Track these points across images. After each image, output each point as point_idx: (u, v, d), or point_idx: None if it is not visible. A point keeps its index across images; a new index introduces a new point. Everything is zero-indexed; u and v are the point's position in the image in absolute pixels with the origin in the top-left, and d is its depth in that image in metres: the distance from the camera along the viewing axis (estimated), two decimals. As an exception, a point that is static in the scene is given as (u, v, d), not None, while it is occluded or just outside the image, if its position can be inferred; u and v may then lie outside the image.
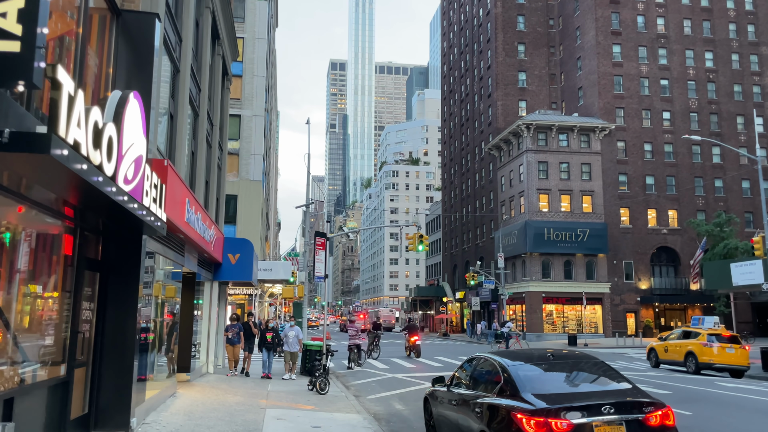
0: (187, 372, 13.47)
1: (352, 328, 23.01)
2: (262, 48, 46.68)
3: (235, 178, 44.98)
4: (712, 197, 53.14)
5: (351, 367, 21.40)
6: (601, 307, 49.90)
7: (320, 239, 14.28)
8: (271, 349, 16.39)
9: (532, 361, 6.79)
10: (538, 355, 7.04)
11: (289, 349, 16.09)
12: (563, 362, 6.79)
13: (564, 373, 6.50)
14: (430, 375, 18.50)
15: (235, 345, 16.27)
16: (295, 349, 16.10)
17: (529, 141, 51.06)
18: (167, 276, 11.09)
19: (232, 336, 16.18)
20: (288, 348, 16.11)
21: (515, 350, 7.69)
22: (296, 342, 16.08)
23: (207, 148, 16.21)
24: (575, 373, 6.54)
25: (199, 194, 14.00)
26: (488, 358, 7.17)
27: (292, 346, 16.07)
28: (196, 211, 11.52)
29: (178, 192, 9.68)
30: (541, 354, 7.07)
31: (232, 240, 17.04)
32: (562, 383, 6.33)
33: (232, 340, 16.22)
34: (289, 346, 16.09)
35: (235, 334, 16.14)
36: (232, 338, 16.21)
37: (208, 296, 16.51)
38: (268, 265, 36.28)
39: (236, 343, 16.19)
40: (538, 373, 6.45)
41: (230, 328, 16.28)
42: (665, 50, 54.76)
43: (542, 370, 6.56)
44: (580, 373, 6.55)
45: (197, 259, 13.83)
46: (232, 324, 16.39)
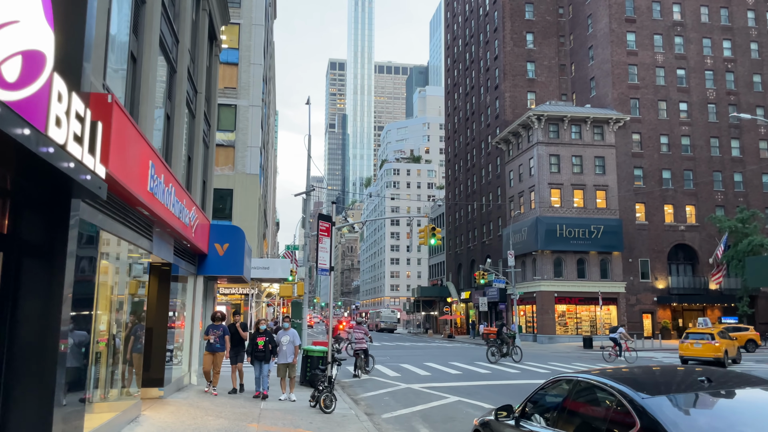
0: (160, 386, 10.92)
1: (359, 330, 20.39)
2: (259, 35, 44.14)
3: (230, 171, 42.50)
4: (731, 192, 50.64)
5: (357, 374, 18.85)
6: (615, 307, 47.36)
7: (324, 224, 11.73)
8: (264, 359, 12.59)
9: (681, 389, 4.24)
10: (683, 380, 4.49)
11: (283, 360, 12.48)
12: (730, 390, 4.23)
13: (743, 413, 3.93)
14: (449, 385, 15.95)
15: (216, 352, 12.67)
16: (290, 360, 12.54)
17: (540, 133, 48.55)
18: (125, 264, 8.55)
19: (215, 340, 12.57)
20: (282, 359, 12.49)
21: (632, 369, 5.10)
22: (291, 350, 12.53)
23: (189, 117, 13.69)
24: (759, 410, 3.96)
25: (177, 168, 11.46)
26: (600, 384, 4.57)
27: (286, 357, 12.48)
28: (168, 183, 8.97)
29: (135, 148, 7.13)
30: (687, 377, 4.53)
31: (220, 227, 14.44)
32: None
33: (214, 345, 12.60)
34: (283, 356, 12.48)
35: (218, 338, 12.63)
36: (214, 344, 12.58)
37: (192, 293, 13.93)
38: (265, 263, 33.76)
39: (219, 351, 12.69)
40: (701, 414, 3.89)
41: (212, 329, 12.69)
42: (681, 38, 52.29)
43: (705, 407, 4.01)
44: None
45: (174, 247, 11.29)
46: (216, 325, 12.81)
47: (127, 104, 8.49)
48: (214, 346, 12.66)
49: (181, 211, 10.19)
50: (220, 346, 12.73)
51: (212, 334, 12.66)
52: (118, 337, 8.35)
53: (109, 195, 6.90)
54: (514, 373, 19.67)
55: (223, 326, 12.90)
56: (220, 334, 12.72)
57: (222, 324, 12.94)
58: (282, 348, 12.50)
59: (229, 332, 13.13)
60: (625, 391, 4.20)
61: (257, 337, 12.63)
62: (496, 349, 24.72)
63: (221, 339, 12.73)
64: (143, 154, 7.52)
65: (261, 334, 12.71)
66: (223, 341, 12.78)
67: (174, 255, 11.41)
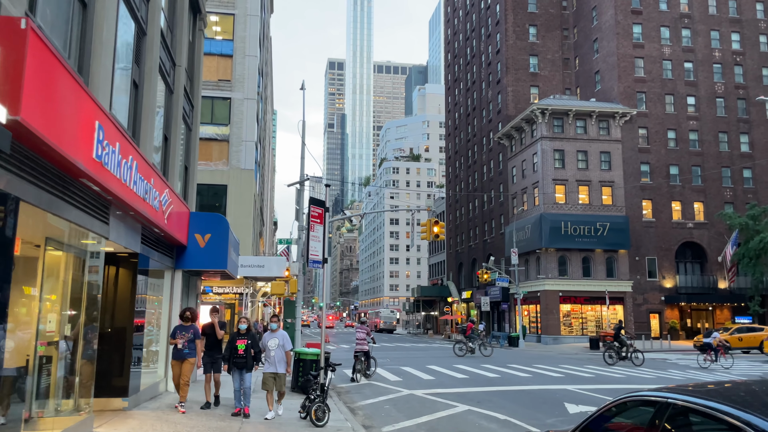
0: (124, 395, 9.42)
1: (361, 330, 18.91)
2: (254, 26, 42.73)
3: (225, 166, 41.01)
4: (740, 189, 49.22)
5: (356, 378, 17.40)
6: (622, 307, 45.89)
7: (316, 209, 10.26)
8: (245, 367, 10.07)
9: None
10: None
11: (272, 369, 10.15)
12: None
13: None
14: (456, 391, 14.47)
15: (185, 360, 10.13)
16: (282, 370, 10.20)
17: (544, 128, 47.10)
18: (76, 251, 7.08)
19: (183, 345, 10.10)
20: (270, 368, 10.18)
21: (747, 386, 3.58)
22: (282, 357, 10.17)
23: (166, 92, 12.20)
24: None
25: (146, 145, 9.98)
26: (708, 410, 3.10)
27: (275, 365, 10.15)
28: (126, 155, 7.50)
29: (73, 101, 5.66)
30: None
31: (201, 216, 12.91)
32: None
33: (181, 352, 10.10)
34: (271, 365, 10.17)
35: (187, 342, 10.15)
36: (182, 349, 10.11)
37: (169, 290, 12.43)
38: (260, 261, 32.37)
39: (188, 357, 10.16)
40: None
41: (179, 331, 10.22)
42: (689, 31, 50.87)
43: None
44: None
45: (142, 235, 9.80)
46: (184, 326, 10.33)
47: (72, 57, 7.01)
48: (182, 352, 10.16)
49: (148, 191, 8.71)
50: (189, 352, 10.21)
51: (180, 337, 10.17)
52: (64, 340, 6.88)
53: (35, 158, 5.43)
54: (524, 377, 18.19)
55: (194, 327, 10.41)
56: (190, 338, 10.25)
57: (193, 325, 10.41)
58: (269, 354, 10.21)
59: (204, 334, 10.85)
60: (758, 424, 2.72)
61: (237, 339, 10.12)
62: (614, 352, 23.96)
63: (191, 343, 10.25)
64: (86, 112, 6.04)
65: (242, 336, 10.17)
66: (194, 346, 10.30)
67: (142, 244, 9.93)
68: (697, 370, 21.97)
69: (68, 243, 7.05)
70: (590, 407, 11.89)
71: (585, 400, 13.06)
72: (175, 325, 10.63)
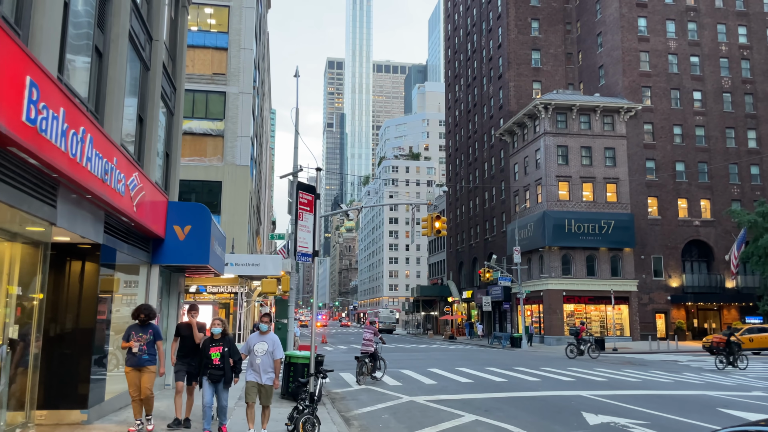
0: (83, 407, 8.23)
1: (368, 330, 17.80)
2: (250, 18, 41.66)
3: (219, 162, 39.89)
4: (748, 185, 48.07)
5: (359, 381, 16.45)
6: (627, 306, 44.75)
7: (306, 195, 9.07)
8: (221, 380, 8.22)
9: None
10: None
11: (256, 378, 8.39)
12: None
13: None
14: (461, 398, 13.28)
15: (143, 368, 8.24)
16: (268, 382, 8.43)
17: (547, 123, 45.93)
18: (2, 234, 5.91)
19: (139, 350, 8.23)
20: (253, 376, 8.41)
21: None
22: (270, 366, 8.41)
23: (141, 67, 11.01)
24: None
25: (112, 122, 8.78)
26: None
27: (261, 374, 8.36)
28: (76, 125, 6.32)
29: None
30: None
31: (180, 206, 11.66)
32: None
33: (139, 357, 8.23)
34: (255, 373, 8.40)
35: (145, 344, 8.29)
36: (139, 354, 8.23)
37: (144, 287, 11.25)
38: (255, 260, 31.24)
39: (147, 364, 8.28)
40: None
41: (135, 332, 8.34)
42: (695, 24, 49.73)
43: None
44: None
45: (105, 224, 8.60)
46: (141, 325, 8.42)
47: (7, 4, 5.83)
48: (140, 358, 8.21)
49: (109, 172, 7.53)
50: (149, 358, 8.29)
51: (135, 339, 8.25)
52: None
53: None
54: (533, 381, 17.00)
55: (153, 327, 8.52)
56: (149, 339, 8.36)
57: (152, 324, 8.52)
58: (254, 359, 8.42)
59: (180, 335, 9.13)
60: None
61: (210, 346, 8.24)
62: (725, 358, 23.32)
63: (151, 347, 8.37)
64: (10, 62, 4.87)
65: (216, 342, 8.25)
66: (154, 350, 8.40)
67: (107, 235, 8.74)
68: (713, 373, 20.80)
69: (3, 228, 5.87)
70: (612, 417, 10.72)
71: (604, 408, 11.88)
72: (129, 326, 8.55)
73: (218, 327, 8.43)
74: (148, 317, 8.49)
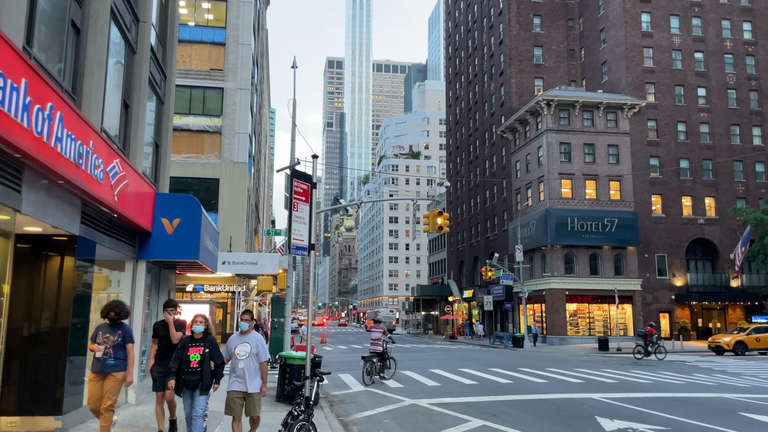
0: (57, 413, 7.55)
1: (377, 330, 17.28)
2: (248, 13, 41.03)
3: (217, 159, 39.26)
4: (753, 183, 47.41)
5: (366, 381, 16.01)
6: (631, 306, 44.08)
7: (301, 184, 8.40)
8: (199, 386, 7.07)
9: None
10: None
11: (240, 386, 7.35)
12: None
13: None
14: (466, 401, 12.60)
15: (108, 375, 7.10)
16: (254, 389, 7.38)
17: (550, 120, 45.26)
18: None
19: (105, 354, 7.10)
20: (237, 384, 7.36)
21: None
22: (255, 370, 7.39)
23: (126, 50, 10.34)
24: None
25: (89, 103, 8.10)
26: None
27: (246, 381, 7.33)
28: (42, 98, 5.65)
29: None
30: None
31: (168, 198, 10.98)
32: None
33: (104, 362, 7.09)
34: (239, 380, 7.37)
35: (112, 348, 7.16)
36: (104, 359, 7.10)
37: (130, 284, 10.57)
38: (253, 258, 30.62)
39: (112, 371, 7.12)
40: None
41: (103, 333, 7.22)
42: (699, 20, 49.05)
43: None
44: None
45: (82, 214, 7.92)
46: (111, 325, 7.30)
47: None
48: (105, 363, 7.07)
49: (84, 156, 6.85)
50: (116, 364, 7.13)
51: (101, 341, 7.13)
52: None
53: None
54: (540, 383, 16.33)
55: (124, 328, 7.37)
56: (117, 342, 7.19)
57: (123, 325, 7.39)
58: (236, 364, 7.37)
59: (156, 336, 8.09)
60: None
61: (189, 346, 7.15)
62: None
63: (119, 350, 7.19)
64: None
65: (196, 343, 7.17)
66: (124, 354, 7.25)
67: (85, 226, 8.06)
68: (723, 374, 20.12)
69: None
70: (629, 423, 10.04)
71: (618, 413, 11.21)
72: (98, 325, 7.43)
73: (200, 325, 7.29)
74: (119, 316, 7.34)
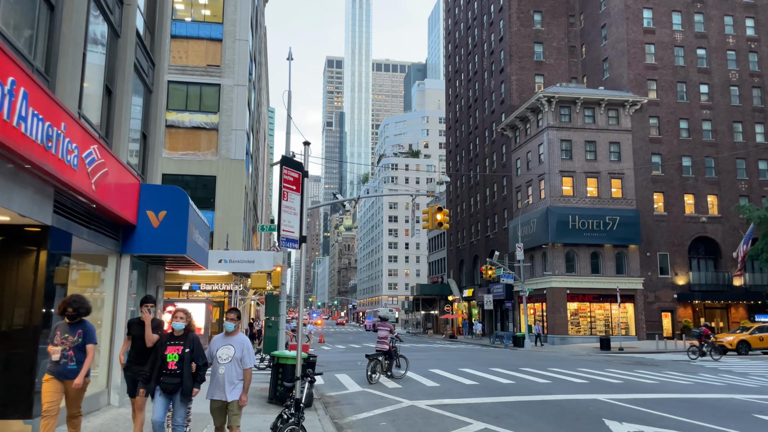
0: (27, 417, 7.01)
1: (383, 328, 17.00)
2: (245, 8, 40.48)
3: (213, 156, 38.72)
4: (756, 181, 46.89)
5: (371, 380, 15.76)
6: (633, 305, 43.55)
7: (291, 172, 7.85)
8: (176, 392, 6.33)
9: None
10: None
11: (219, 394, 6.46)
12: None
13: None
14: (466, 402, 12.07)
15: (65, 380, 6.28)
16: (234, 396, 6.45)
17: (551, 117, 44.74)
18: None
19: (63, 355, 6.27)
20: (216, 392, 6.48)
21: None
22: (237, 377, 6.51)
23: (109, 32, 9.81)
24: None
25: (64, 85, 7.57)
26: None
27: (226, 388, 6.44)
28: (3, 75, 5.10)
29: None
30: None
31: (153, 189, 10.42)
32: None
33: (63, 367, 6.26)
34: (218, 387, 6.46)
35: (72, 349, 6.32)
36: (62, 362, 6.26)
37: (113, 280, 10.05)
38: (250, 256, 30.11)
39: (72, 377, 6.27)
40: None
41: (62, 332, 6.38)
42: (702, 16, 48.53)
43: None
44: None
45: (53, 202, 7.38)
46: (70, 323, 6.44)
47: None
48: (64, 367, 6.23)
49: (54, 138, 6.32)
50: (76, 368, 6.28)
51: (59, 342, 6.28)
52: None
53: None
54: (543, 383, 15.80)
55: (85, 327, 6.45)
56: (77, 342, 6.33)
57: (84, 323, 6.47)
58: (217, 369, 6.47)
59: (131, 335, 7.20)
60: None
61: (168, 345, 6.40)
62: None
63: (79, 352, 6.33)
64: None
65: (175, 341, 6.42)
66: (82, 356, 6.33)
67: (58, 215, 7.53)
68: (731, 374, 19.61)
69: None
70: (640, 426, 9.52)
71: (626, 415, 10.68)
72: (56, 324, 6.56)
73: (180, 321, 6.47)
74: (79, 312, 6.39)
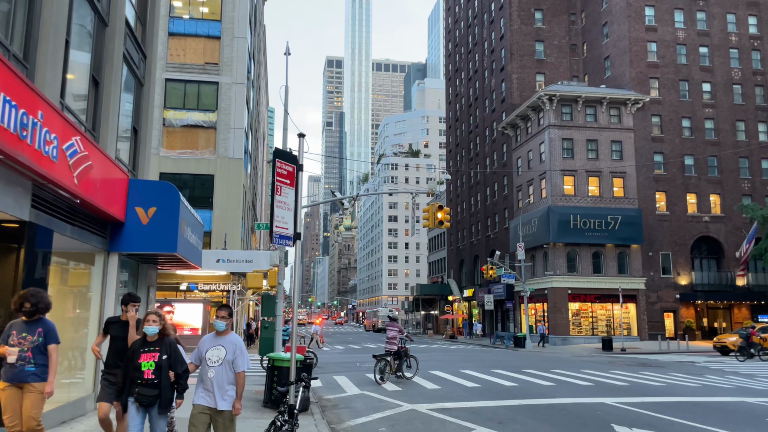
0: (2, 426, 6.64)
1: (392, 328, 16.73)
2: (244, 6, 40.09)
3: (211, 155, 38.32)
4: (759, 180, 46.48)
5: (379, 380, 15.57)
6: (635, 305, 43.14)
7: (285, 166, 7.43)
8: (153, 405, 5.58)
9: None
10: None
11: (208, 401, 5.57)
12: None
13: None
14: (468, 406, 11.65)
15: (25, 385, 5.52)
16: (226, 406, 5.56)
17: (552, 115, 44.32)
18: None
19: (21, 357, 5.51)
20: (205, 398, 5.58)
21: None
22: (228, 381, 5.62)
23: (96, 21, 9.39)
24: None
25: (44, 73, 7.16)
26: None
27: (216, 394, 5.55)
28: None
29: None
30: None
31: (143, 184, 9.99)
32: None
33: (20, 370, 5.50)
34: (208, 394, 5.58)
35: (28, 351, 5.54)
36: (20, 365, 5.51)
37: (100, 279, 9.64)
38: (248, 256, 29.75)
39: (29, 380, 5.50)
40: None
41: (15, 333, 5.57)
42: (704, 14, 48.12)
43: None
44: None
45: (31, 196, 6.97)
46: (28, 321, 5.62)
47: None
48: (21, 370, 5.51)
49: (29, 127, 5.91)
50: (34, 370, 5.58)
51: (15, 342, 5.54)
52: None
53: None
54: (547, 386, 15.38)
55: (44, 324, 5.71)
56: (37, 343, 5.60)
57: (43, 320, 5.73)
58: (206, 373, 5.66)
59: (109, 334, 6.42)
60: None
61: (141, 352, 5.68)
62: None
63: (39, 354, 5.60)
64: None
65: (149, 348, 5.72)
66: (45, 359, 5.61)
67: (37, 210, 7.11)
68: (737, 375, 19.19)
69: None
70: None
71: (636, 420, 10.26)
72: (10, 323, 5.73)
73: (153, 326, 5.74)
74: (37, 308, 5.61)
